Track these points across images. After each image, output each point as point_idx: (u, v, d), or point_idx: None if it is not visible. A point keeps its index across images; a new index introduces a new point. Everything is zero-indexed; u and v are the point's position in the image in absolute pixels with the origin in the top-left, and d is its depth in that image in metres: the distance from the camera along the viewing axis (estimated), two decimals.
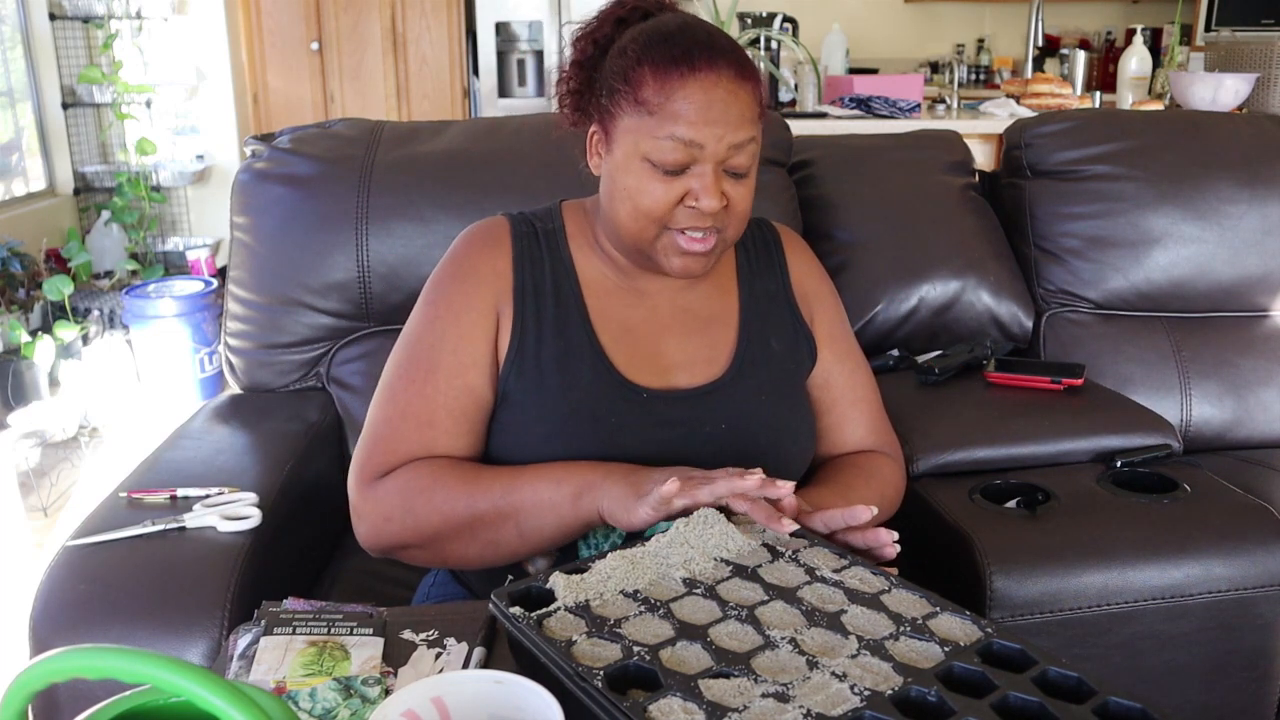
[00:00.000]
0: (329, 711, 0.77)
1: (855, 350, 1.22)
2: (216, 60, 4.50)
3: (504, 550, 1.00)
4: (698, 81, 0.97)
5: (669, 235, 1.03)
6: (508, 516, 0.98)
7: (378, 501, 1.01)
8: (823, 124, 3.00)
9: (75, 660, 0.50)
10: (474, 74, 4.94)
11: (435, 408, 1.04)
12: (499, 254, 1.10)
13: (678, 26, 1.01)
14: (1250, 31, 4.51)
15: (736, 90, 0.98)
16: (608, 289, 1.11)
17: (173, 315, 3.30)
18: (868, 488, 1.11)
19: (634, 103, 0.99)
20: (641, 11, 1.05)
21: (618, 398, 1.06)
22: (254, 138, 1.60)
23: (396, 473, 1.02)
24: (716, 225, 1.02)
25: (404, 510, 1.00)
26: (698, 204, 0.99)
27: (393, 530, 1.01)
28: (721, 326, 1.13)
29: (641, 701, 0.67)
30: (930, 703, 0.69)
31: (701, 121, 0.97)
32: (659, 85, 0.98)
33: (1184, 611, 1.20)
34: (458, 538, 1.00)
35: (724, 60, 0.98)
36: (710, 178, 0.99)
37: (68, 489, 2.84)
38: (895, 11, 6.09)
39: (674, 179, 1.00)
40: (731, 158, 1.00)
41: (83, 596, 1.07)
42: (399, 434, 1.04)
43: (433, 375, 1.05)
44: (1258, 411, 1.73)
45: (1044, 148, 1.83)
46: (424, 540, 1.01)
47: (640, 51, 1.00)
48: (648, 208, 1.01)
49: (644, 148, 0.99)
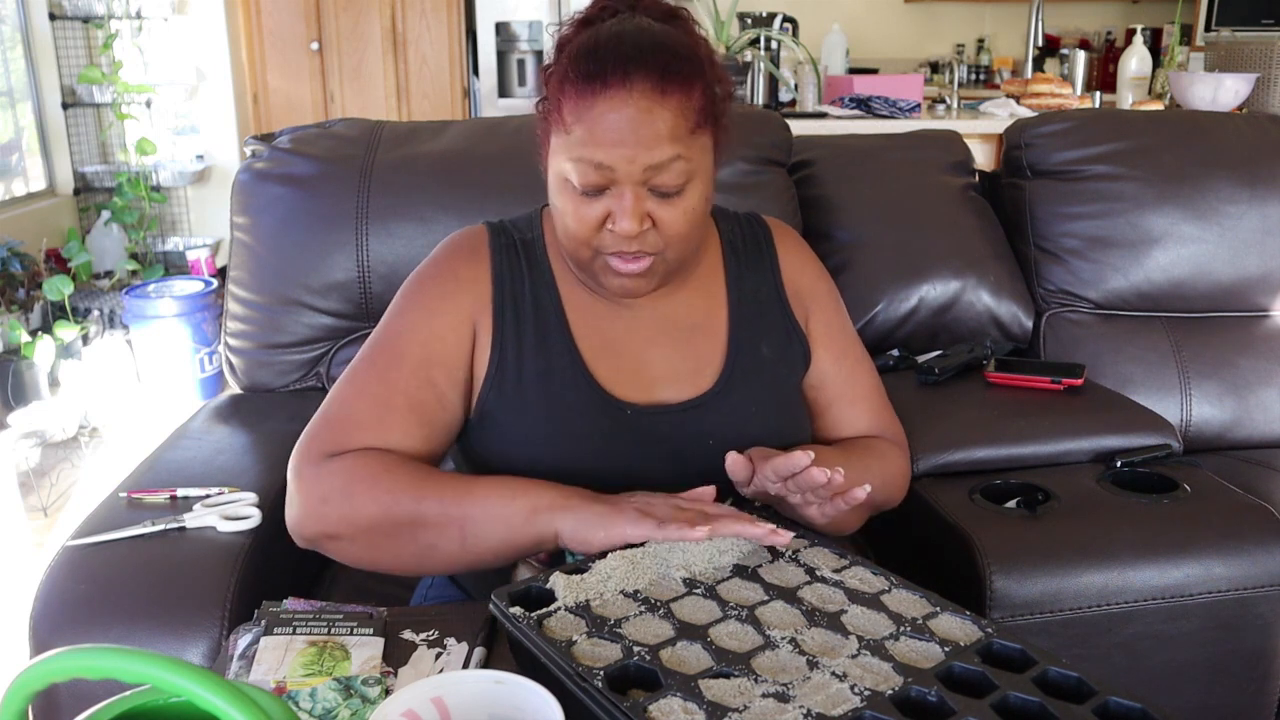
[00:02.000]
0: (329, 711, 0.77)
1: (855, 346, 1.18)
2: (216, 60, 4.50)
3: (440, 557, 0.95)
4: (607, 101, 0.92)
5: (602, 258, 0.99)
6: (454, 522, 0.93)
7: (318, 481, 0.96)
8: (823, 124, 3.00)
9: (75, 660, 0.50)
10: (474, 74, 4.94)
11: (394, 394, 1.00)
12: (477, 264, 1.07)
13: (606, 38, 0.95)
14: (1250, 31, 4.51)
15: (652, 107, 0.92)
16: (587, 300, 1.08)
17: (173, 315, 3.30)
18: (858, 463, 1.06)
19: (557, 120, 0.96)
20: (611, 11, 1.00)
21: (601, 415, 1.03)
22: (254, 138, 1.60)
23: (344, 456, 0.97)
24: (646, 248, 0.98)
25: (343, 495, 0.94)
26: (615, 227, 0.95)
27: (327, 515, 0.95)
28: (708, 335, 1.09)
29: (641, 701, 0.67)
30: (930, 703, 0.69)
31: (609, 143, 0.92)
32: (573, 104, 0.94)
33: (1184, 611, 1.20)
34: (395, 535, 0.94)
35: (640, 74, 0.92)
36: (628, 200, 0.94)
37: (68, 489, 2.84)
38: (895, 11, 6.09)
39: (594, 200, 0.96)
40: (653, 178, 0.94)
41: (83, 596, 1.07)
42: (353, 415, 1.00)
43: (397, 363, 1.02)
44: (1258, 411, 1.73)
45: (1044, 148, 1.83)
46: (357, 532, 0.94)
47: (565, 67, 0.95)
48: (574, 230, 0.98)
49: (564, 168, 0.96)
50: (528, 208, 1.15)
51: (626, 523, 0.87)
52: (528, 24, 4.82)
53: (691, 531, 0.85)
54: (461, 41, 4.89)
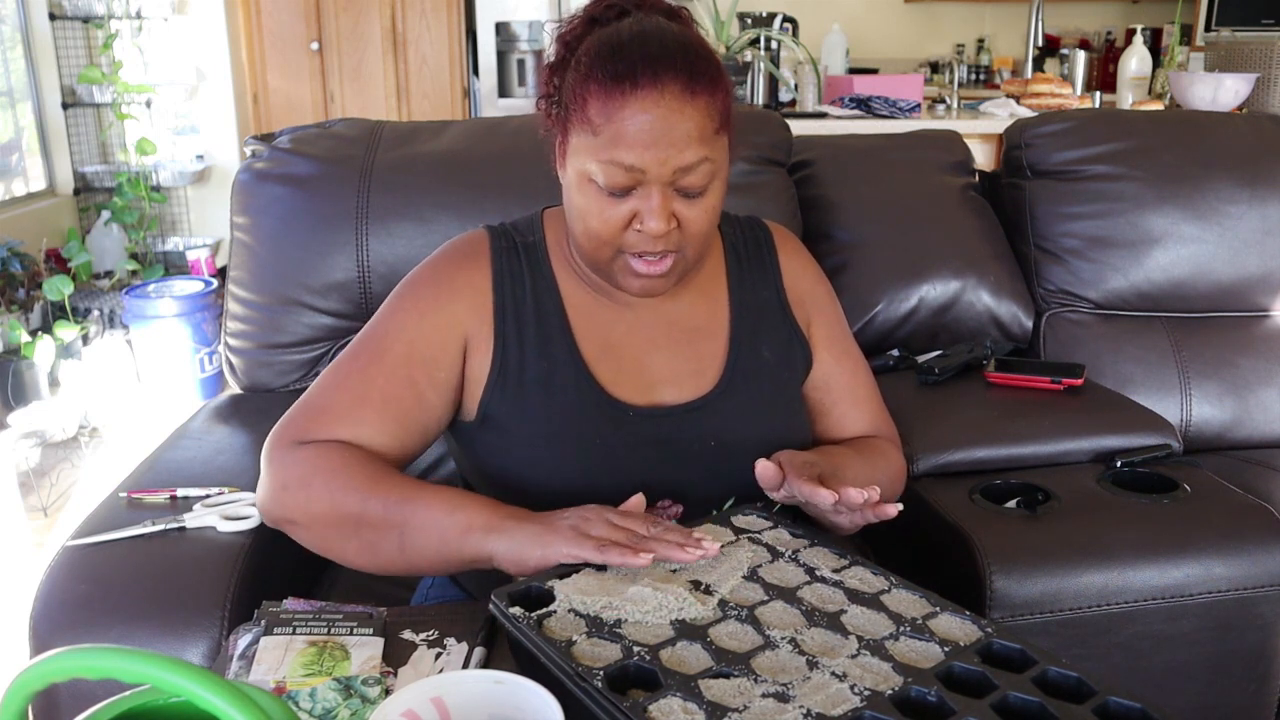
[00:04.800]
0: (329, 711, 0.77)
1: (854, 349, 1.20)
2: (216, 60, 4.51)
3: (381, 558, 0.95)
4: (639, 102, 0.92)
5: (623, 257, 0.99)
6: (394, 526, 0.93)
7: (283, 467, 0.97)
8: (823, 124, 3.00)
9: (75, 660, 0.50)
10: (474, 74, 4.94)
11: (372, 388, 1.01)
12: (477, 270, 1.07)
13: (629, 37, 0.94)
14: (1250, 31, 4.51)
15: (683, 108, 0.92)
16: (589, 302, 1.08)
17: (173, 315, 3.30)
18: (867, 465, 1.09)
19: (581, 120, 0.95)
20: (617, 9, 0.99)
21: (602, 418, 1.03)
22: (254, 138, 1.60)
23: (310, 446, 0.98)
24: (670, 247, 0.98)
25: (301, 484, 0.96)
26: (644, 227, 0.95)
27: (285, 501, 0.97)
28: (710, 337, 1.10)
29: (641, 701, 0.67)
30: (930, 703, 0.69)
31: (642, 145, 0.92)
32: (601, 105, 0.93)
33: (1184, 611, 1.20)
34: (341, 530, 0.95)
35: (670, 75, 0.92)
36: (657, 200, 0.94)
37: (68, 489, 2.84)
38: (895, 11, 6.09)
39: (620, 200, 0.96)
40: (680, 179, 0.94)
41: (83, 596, 1.06)
42: (328, 405, 1.01)
43: (379, 358, 1.02)
44: (1258, 411, 1.73)
45: (1044, 148, 1.83)
46: (311, 521, 0.96)
47: (588, 66, 0.94)
48: (596, 230, 0.97)
49: (589, 169, 0.95)
50: (528, 208, 1.16)
51: (563, 542, 0.85)
52: (528, 24, 4.82)
53: (634, 559, 0.81)
54: (461, 41, 4.89)
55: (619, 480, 0.99)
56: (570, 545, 0.84)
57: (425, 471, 1.47)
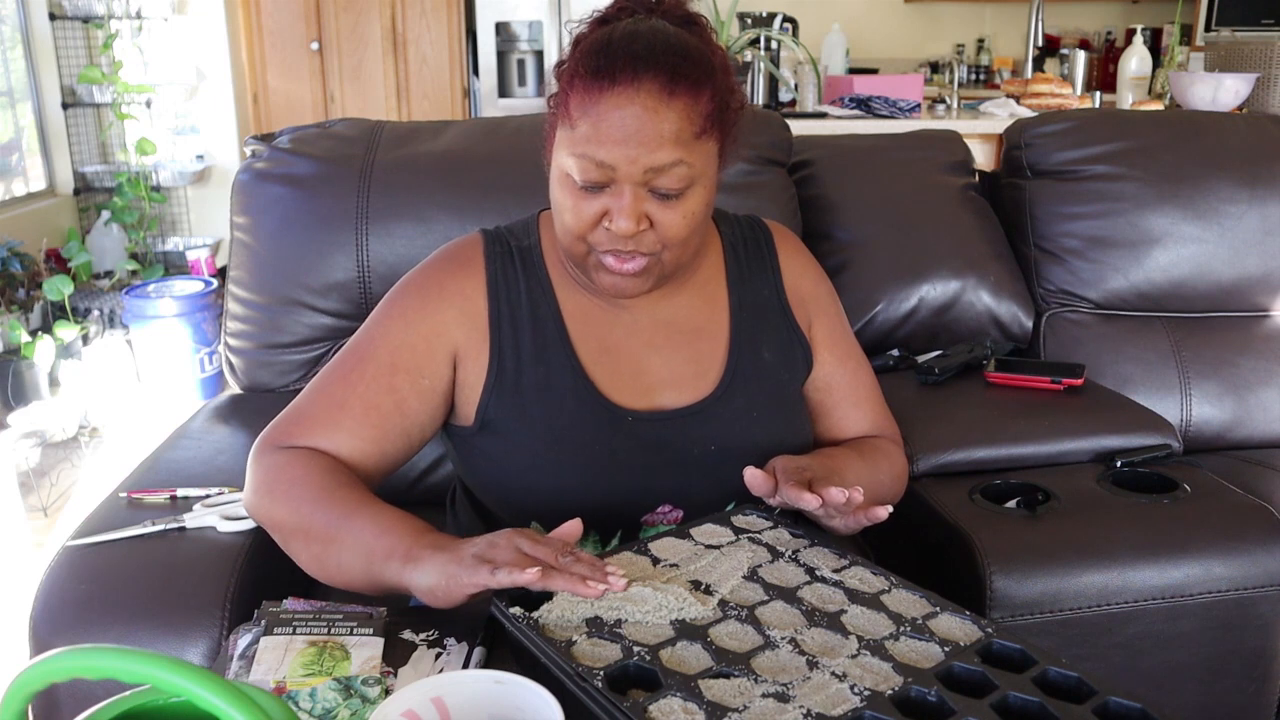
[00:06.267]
0: (329, 711, 0.77)
1: (855, 349, 1.19)
2: (216, 60, 4.50)
3: (328, 571, 0.93)
4: (614, 98, 0.91)
5: (595, 254, 0.99)
6: (333, 540, 0.92)
7: (260, 471, 0.98)
8: (823, 124, 3.00)
9: (75, 660, 0.50)
10: (474, 74, 4.94)
11: (351, 395, 1.01)
12: (469, 277, 1.06)
13: (620, 35, 0.94)
14: (1250, 31, 4.52)
15: (658, 108, 0.91)
16: (586, 305, 1.07)
17: (173, 315, 3.30)
18: (868, 465, 1.09)
19: (564, 114, 0.95)
20: (629, 12, 0.99)
21: (601, 422, 1.02)
22: (254, 138, 1.60)
23: (285, 452, 0.99)
24: (641, 249, 0.96)
25: (267, 489, 0.97)
26: (612, 225, 0.95)
27: (257, 505, 0.98)
28: (709, 339, 1.09)
29: (641, 701, 0.67)
30: (930, 703, 0.69)
31: (613, 141, 0.91)
32: (580, 99, 0.93)
33: (1184, 611, 1.20)
34: (296, 538, 0.95)
35: (649, 75, 0.91)
36: (627, 199, 0.93)
37: (68, 489, 2.84)
38: (895, 11, 6.09)
39: (594, 196, 0.95)
40: (653, 180, 0.93)
41: (83, 596, 1.07)
42: (309, 411, 1.02)
43: (361, 365, 1.03)
44: (1258, 411, 1.73)
45: (1044, 148, 1.83)
46: (274, 526, 0.97)
47: (575, 62, 0.95)
48: (570, 224, 0.97)
49: (566, 163, 0.95)
50: (527, 208, 1.15)
51: (463, 571, 0.81)
52: (528, 24, 4.82)
53: (522, 575, 0.77)
54: (461, 41, 4.89)
55: (618, 485, 0.99)
56: (469, 573, 0.81)
57: (425, 472, 1.47)
